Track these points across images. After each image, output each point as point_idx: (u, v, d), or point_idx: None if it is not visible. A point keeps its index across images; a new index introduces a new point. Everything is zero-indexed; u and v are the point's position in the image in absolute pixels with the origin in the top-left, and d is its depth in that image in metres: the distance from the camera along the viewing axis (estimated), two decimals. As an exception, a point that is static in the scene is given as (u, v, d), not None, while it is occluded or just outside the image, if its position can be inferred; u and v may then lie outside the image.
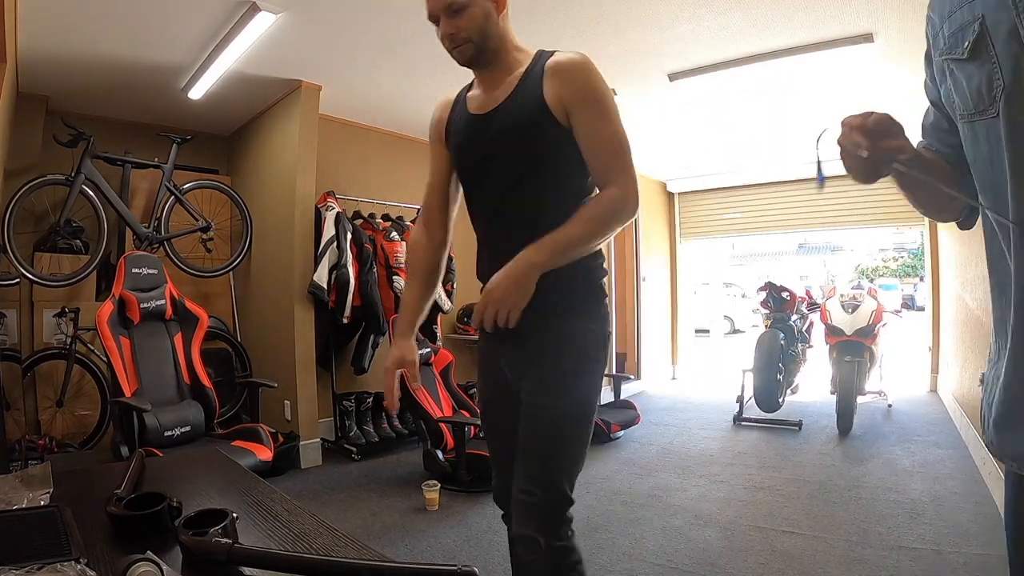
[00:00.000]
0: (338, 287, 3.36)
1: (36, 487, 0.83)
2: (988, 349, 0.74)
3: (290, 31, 2.74)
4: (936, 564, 1.97)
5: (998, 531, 2.16)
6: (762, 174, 5.85)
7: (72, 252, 3.28)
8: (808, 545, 2.17)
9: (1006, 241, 0.65)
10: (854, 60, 3.10)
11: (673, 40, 2.95)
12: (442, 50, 1.27)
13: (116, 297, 2.38)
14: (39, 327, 3.22)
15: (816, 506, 2.56)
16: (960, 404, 3.77)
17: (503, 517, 1.25)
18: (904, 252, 17.93)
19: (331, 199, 3.54)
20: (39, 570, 0.57)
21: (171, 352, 2.52)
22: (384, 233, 3.70)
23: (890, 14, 2.67)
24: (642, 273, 5.90)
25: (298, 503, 0.85)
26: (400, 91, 3.60)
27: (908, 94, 3.70)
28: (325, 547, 0.69)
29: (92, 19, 2.56)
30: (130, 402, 2.15)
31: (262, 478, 0.99)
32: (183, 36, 2.78)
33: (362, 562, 0.56)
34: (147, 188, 3.58)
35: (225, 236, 3.90)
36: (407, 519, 2.56)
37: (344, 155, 4.05)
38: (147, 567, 0.54)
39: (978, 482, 2.75)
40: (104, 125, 3.57)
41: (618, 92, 3.64)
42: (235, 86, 3.33)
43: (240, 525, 0.66)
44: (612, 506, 2.64)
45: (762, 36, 2.91)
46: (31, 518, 0.73)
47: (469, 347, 4.89)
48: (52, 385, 3.12)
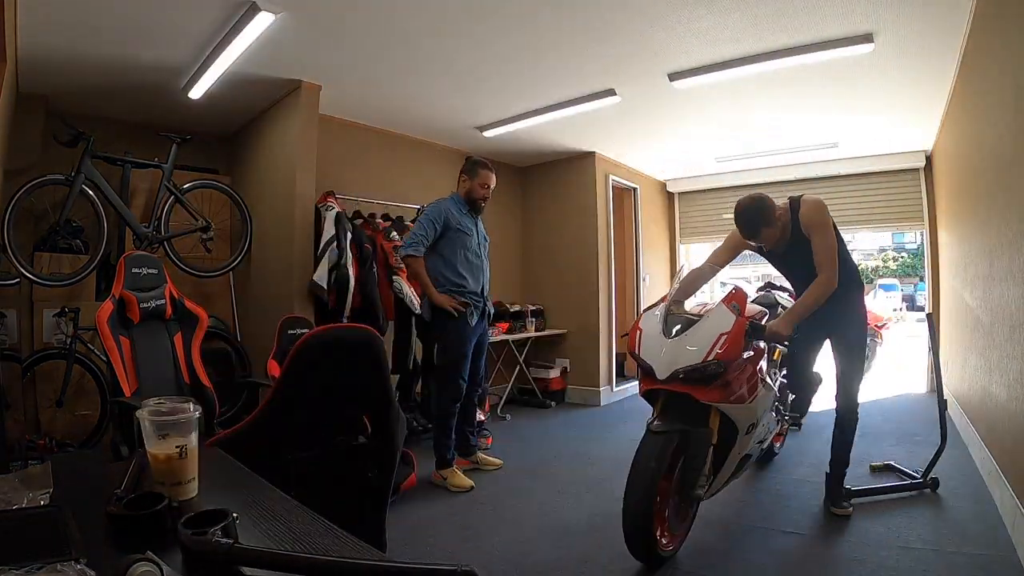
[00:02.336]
0: (338, 287, 3.35)
1: (36, 487, 0.83)
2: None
3: (290, 31, 2.74)
4: (936, 564, 1.97)
5: (998, 531, 2.17)
6: (762, 174, 5.85)
7: (72, 252, 3.29)
8: (808, 545, 2.17)
9: None
10: (854, 60, 3.10)
11: (673, 40, 2.95)
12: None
13: (116, 297, 2.37)
14: (39, 327, 3.22)
15: (816, 506, 2.56)
16: (960, 404, 3.77)
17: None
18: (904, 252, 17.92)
19: (331, 199, 3.54)
20: (39, 570, 0.57)
21: (171, 352, 2.51)
22: (384, 233, 3.70)
23: (890, 14, 2.67)
24: (642, 273, 5.91)
25: (298, 503, 0.85)
26: (400, 91, 3.60)
27: (908, 94, 3.73)
28: (325, 547, 0.68)
29: (92, 19, 2.56)
30: (130, 402, 2.15)
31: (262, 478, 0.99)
32: (183, 36, 2.78)
33: (362, 562, 0.56)
34: (147, 188, 3.58)
35: (225, 236, 3.90)
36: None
37: (344, 155, 4.05)
38: (147, 567, 0.54)
39: (978, 482, 2.75)
40: (104, 125, 3.57)
41: (618, 92, 3.65)
42: (235, 86, 3.33)
43: (240, 525, 0.66)
44: (612, 506, 2.62)
45: (762, 36, 2.91)
46: (31, 518, 0.73)
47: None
48: (52, 385, 3.12)
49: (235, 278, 3.96)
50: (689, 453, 2.07)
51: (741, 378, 2.13)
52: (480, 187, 3.13)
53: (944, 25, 2.77)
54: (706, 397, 2.04)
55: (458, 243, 3.07)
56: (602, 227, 5.26)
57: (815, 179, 5.72)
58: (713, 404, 2.05)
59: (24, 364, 3.03)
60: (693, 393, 2.03)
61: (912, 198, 5.24)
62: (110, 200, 3.20)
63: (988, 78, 2.53)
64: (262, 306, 3.79)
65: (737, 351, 2.08)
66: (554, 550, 2.22)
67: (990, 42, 2.44)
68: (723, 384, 2.06)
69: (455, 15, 2.64)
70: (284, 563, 0.57)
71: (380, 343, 1.46)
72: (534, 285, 5.64)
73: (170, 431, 0.82)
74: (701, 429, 2.07)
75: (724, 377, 2.05)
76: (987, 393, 2.84)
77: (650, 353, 2.13)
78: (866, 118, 4.29)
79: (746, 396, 2.13)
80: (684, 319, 2.20)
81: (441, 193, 3.27)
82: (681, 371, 2.04)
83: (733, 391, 2.08)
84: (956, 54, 3.08)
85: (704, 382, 2.04)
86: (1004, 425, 2.41)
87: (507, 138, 4.57)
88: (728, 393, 2.07)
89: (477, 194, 3.14)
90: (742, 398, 2.11)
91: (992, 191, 2.56)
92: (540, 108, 3.98)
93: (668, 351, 2.10)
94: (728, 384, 2.07)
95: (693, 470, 2.07)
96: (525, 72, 3.35)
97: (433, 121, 4.26)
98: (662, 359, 2.09)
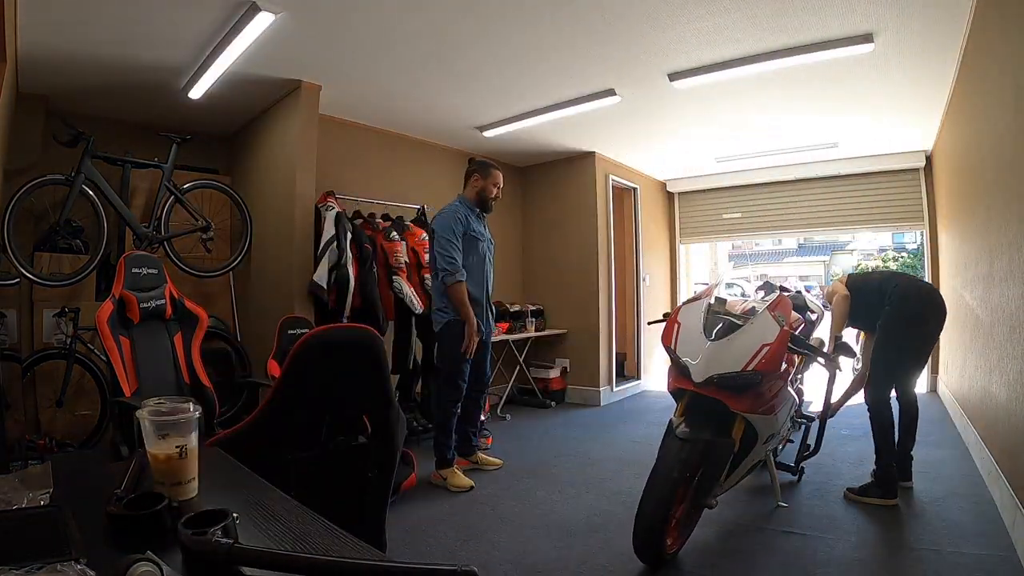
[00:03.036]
0: (338, 287, 3.35)
1: (36, 487, 0.83)
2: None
3: (290, 31, 2.74)
4: (936, 564, 1.97)
5: (998, 531, 2.17)
6: (762, 174, 5.86)
7: (72, 252, 3.29)
8: (808, 545, 2.17)
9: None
10: (854, 60, 3.10)
11: (673, 40, 2.95)
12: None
13: (116, 297, 2.37)
14: (39, 327, 3.22)
15: (816, 506, 2.56)
16: (960, 404, 3.77)
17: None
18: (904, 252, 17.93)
19: (331, 199, 3.54)
20: (39, 570, 0.57)
21: (171, 352, 2.51)
22: (384, 233, 3.70)
23: (890, 14, 2.67)
24: (642, 273, 5.91)
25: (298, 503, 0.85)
26: (400, 91, 3.60)
27: (908, 94, 3.72)
28: (325, 547, 0.68)
29: (92, 19, 2.56)
30: (130, 402, 2.15)
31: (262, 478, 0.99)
32: (183, 36, 2.78)
33: (362, 562, 0.56)
34: (147, 188, 3.58)
35: (225, 236, 3.90)
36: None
37: (344, 155, 4.05)
38: (147, 567, 0.54)
39: (978, 482, 2.75)
40: (104, 125, 3.57)
41: (618, 92, 3.65)
42: (235, 86, 3.33)
43: (240, 525, 0.66)
44: (612, 506, 2.64)
45: (762, 36, 2.91)
46: (31, 518, 0.73)
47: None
48: (52, 385, 3.12)
49: (235, 278, 3.95)
50: (710, 462, 1.99)
51: (773, 389, 2.06)
52: (493, 186, 3.12)
53: (944, 25, 2.77)
54: (737, 406, 1.97)
55: (470, 250, 3.03)
56: (602, 227, 5.26)
57: (815, 179, 5.72)
58: (742, 413, 1.99)
59: (24, 364, 3.02)
60: (725, 400, 1.96)
61: (912, 198, 5.24)
62: (110, 200, 3.20)
63: (988, 78, 2.53)
64: (262, 306, 3.79)
65: (777, 364, 2.01)
66: (554, 550, 2.22)
67: (990, 42, 2.44)
68: (756, 394, 1.99)
69: (455, 15, 2.63)
70: (284, 563, 0.57)
71: (380, 343, 1.46)
72: (534, 285, 5.64)
73: (170, 431, 0.82)
74: (726, 439, 1.99)
75: (759, 388, 1.98)
76: (987, 393, 2.84)
77: (687, 351, 2.05)
78: (866, 118, 4.29)
79: (774, 407, 2.08)
80: (727, 321, 2.10)
81: (441, 193, 3.29)
82: (717, 377, 1.95)
83: (764, 402, 2.02)
84: (956, 54, 3.08)
85: (737, 390, 1.97)
86: (1004, 425, 2.42)
87: (507, 138, 4.57)
88: (759, 404, 2.00)
89: (490, 193, 3.12)
90: (770, 409, 2.05)
91: (992, 191, 2.57)
92: (540, 108, 3.98)
93: (707, 353, 2.00)
94: (760, 395, 2.00)
95: (711, 478, 2.00)
96: (525, 72, 3.35)
97: (433, 121, 4.26)
98: (700, 360, 1.99)
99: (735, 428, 2.01)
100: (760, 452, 2.18)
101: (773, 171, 5.77)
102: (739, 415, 2.00)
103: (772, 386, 2.05)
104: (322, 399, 1.40)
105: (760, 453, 2.20)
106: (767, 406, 2.03)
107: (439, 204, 3.89)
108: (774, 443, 2.30)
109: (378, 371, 1.45)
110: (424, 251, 3.80)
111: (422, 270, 3.77)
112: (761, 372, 1.95)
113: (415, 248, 3.79)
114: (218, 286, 3.90)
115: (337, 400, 1.42)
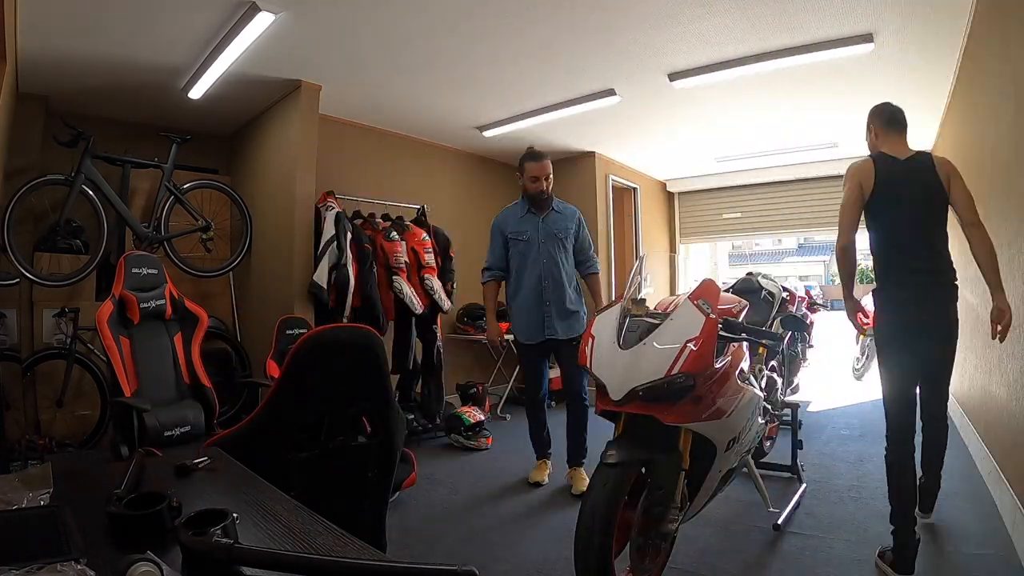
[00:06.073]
0: (338, 287, 3.35)
1: (36, 487, 0.83)
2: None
3: (290, 31, 2.74)
4: (936, 564, 1.97)
5: (998, 531, 2.17)
6: (762, 174, 5.86)
7: (72, 252, 3.28)
8: (808, 545, 2.17)
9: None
10: (854, 60, 3.10)
11: (673, 40, 2.95)
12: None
13: (116, 297, 2.37)
14: (39, 327, 3.22)
15: (816, 506, 2.56)
16: (960, 404, 3.76)
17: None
18: (904, 252, 17.91)
19: (331, 199, 3.54)
20: (39, 570, 0.57)
21: (171, 352, 2.51)
22: (384, 233, 3.70)
23: (890, 14, 2.67)
24: (642, 273, 5.90)
25: (298, 503, 0.85)
26: (400, 91, 3.60)
27: (908, 94, 3.72)
28: (325, 547, 0.68)
29: (92, 19, 2.57)
30: (130, 402, 2.15)
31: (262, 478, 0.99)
32: (183, 36, 2.78)
33: (362, 562, 0.56)
34: (147, 188, 3.58)
35: (225, 236, 3.90)
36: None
37: (344, 155, 4.05)
38: (147, 567, 0.54)
39: (978, 482, 2.75)
40: (104, 125, 3.56)
41: (618, 92, 3.65)
42: (235, 86, 3.33)
43: (240, 525, 0.66)
44: (612, 506, 2.63)
45: (762, 36, 2.91)
46: (31, 518, 0.73)
47: (469, 347, 4.90)
48: (52, 385, 3.12)
49: (235, 278, 3.96)
50: (653, 485, 1.67)
51: (716, 390, 1.73)
52: (530, 181, 2.89)
53: (944, 25, 2.77)
54: (673, 418, 1.64)
55: (513, 251, 2.97)
56: (602, 227, 5.26)
57: (815, 179, 5.72)
58: (682, 425, 1.67)
59: (24, 364, 3.02)
60: (656, 414, 1.64)
61: (912, 198, 5.23)
62: (110, 200, 3.20)
63: (988, 78, 2.53)
64: (262, 306, 3.79)
65: (709, 359, 1.68)
66: (554, 550, 2.21)
67: (990, 42, 2.44)
68: (694, 400, 1.67)
69: (455, 15, 2.63)
70: (284, 563, 0.57)
71: (380, 343, 1.45)
72: (534, 285, 5.63)
73: None
74: (666, 456, 1.67)
75: (694, 392, 1.66)
76: (987, 393, 2.84)
77: (602, 367, 1.74)
78: (866, 118, 4.28)
79: (724, 410, 1.75)
80: (644, 323, 1.80)
81: (441, 193, 3.28)
82: (640, 389, 1.64)
83: (707, 407, 1.70)
84: (956, 54, 3.08)
85: (670, 399, 1.65)
86: (1004, 425, 2.41)
87: (507, 138, 4.57)
88: (701, 410, 1.68)
89: (530, 189, 2.91)
90: (718, 413, 1.73)
91: (992, 191, 2.56)
92: (540, 108, 3.98)
93: (623, 364, 1.69)
94: (700, 399, 1.68)
95: (659, 504, 1.67)
96: (525, 72, 3.35)
97: (433, 121, 4.26)
98: (616, 375, 1.69)
99: (681, 441, 1.70)
100: (730, 460, 1.88)
101: (773, 171, 5.77)
102: (681, 427, 1.68)
103: (713, 386, 1.72)
104: (322, 399, 1.40)
105: (731, 461, 1.89)
106: (712, 411, 1.70)
107: (439, 204, 3.92)
108: (743, 447, 1.97)
109: (378, 371, 1.45)
110: (424, 251, 3.80)
111: (422, 270, 3.77)
112: (691, 373, 1.63)
113: (415, 248, 3.79)
114: (218, 286, 3.90)
115: (337, 399, 1.42)
